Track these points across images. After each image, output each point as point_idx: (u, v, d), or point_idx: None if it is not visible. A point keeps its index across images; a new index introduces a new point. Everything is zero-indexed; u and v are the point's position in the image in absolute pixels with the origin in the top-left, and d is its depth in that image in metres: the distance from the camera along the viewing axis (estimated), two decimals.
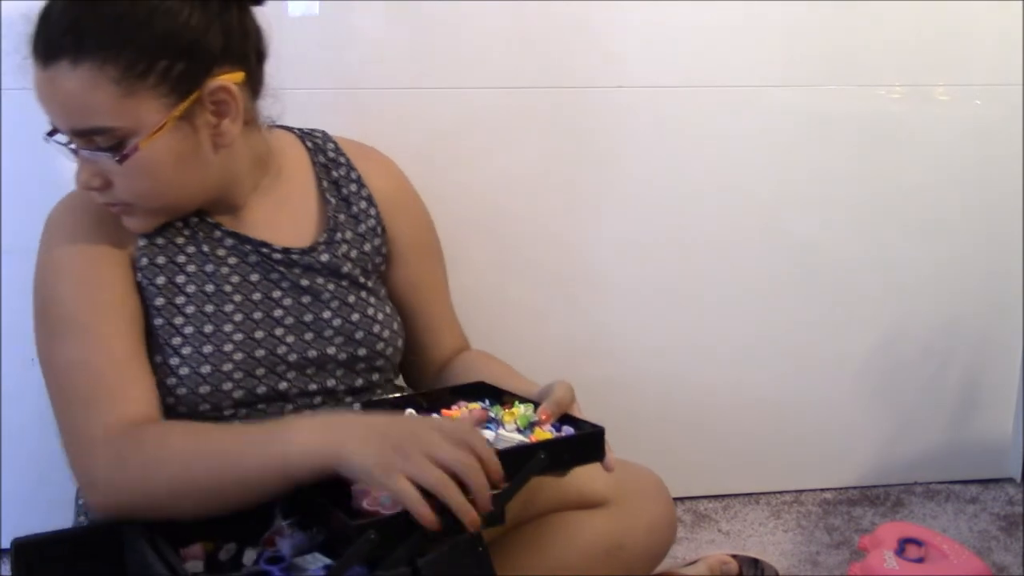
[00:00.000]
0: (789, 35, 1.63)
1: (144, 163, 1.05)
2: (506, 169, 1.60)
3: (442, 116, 1.56)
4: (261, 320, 1.14)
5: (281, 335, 1.15)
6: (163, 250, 1.13)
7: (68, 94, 1.02)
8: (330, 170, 1.26)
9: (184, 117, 1.05)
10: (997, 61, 1.69)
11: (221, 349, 1.11)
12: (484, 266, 1.63)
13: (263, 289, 1.16)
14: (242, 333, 1.12)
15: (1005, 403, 1.86)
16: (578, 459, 1.02)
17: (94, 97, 1.01)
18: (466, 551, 0.90)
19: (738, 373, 1.76)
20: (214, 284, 1.14)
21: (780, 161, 1.68)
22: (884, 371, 1.80)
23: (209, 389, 1.09)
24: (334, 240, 1.22)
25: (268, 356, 1.13)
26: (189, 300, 1.12)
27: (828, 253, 1.73)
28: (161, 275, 1.12)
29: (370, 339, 1.19)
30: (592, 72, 1.59)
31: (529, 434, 1.04)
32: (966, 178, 1.74)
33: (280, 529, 0.97)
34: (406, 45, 1.53)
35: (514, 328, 1.65)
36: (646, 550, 1.25)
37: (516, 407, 1.08)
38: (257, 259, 1.17)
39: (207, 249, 1.15)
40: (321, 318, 1.17)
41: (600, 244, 1.66)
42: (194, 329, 1.11)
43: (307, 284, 1.18)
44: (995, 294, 1.80)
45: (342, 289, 1.20)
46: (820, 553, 1.61)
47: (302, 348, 1.15)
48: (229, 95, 1.07)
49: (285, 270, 1.17)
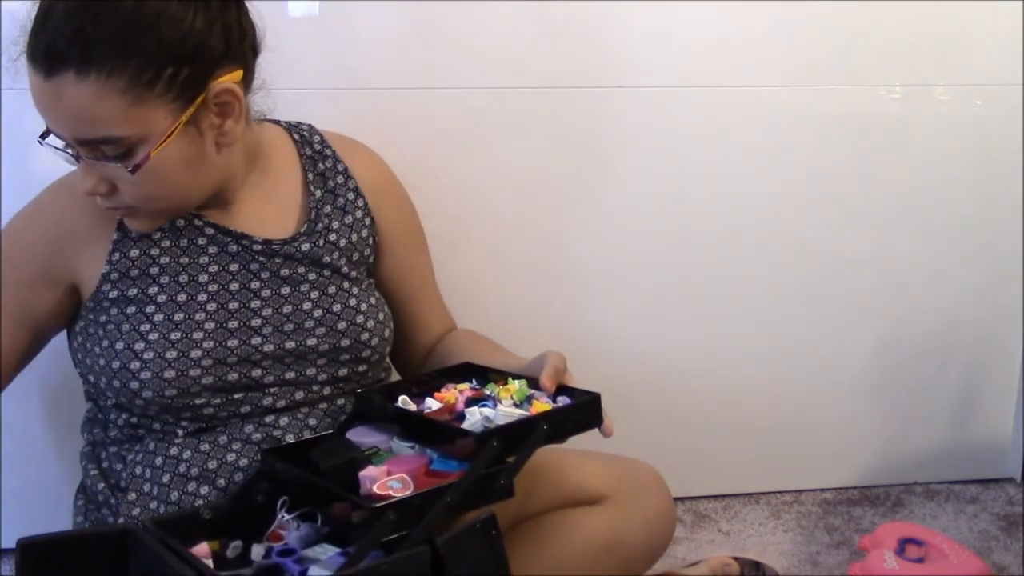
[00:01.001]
0: (789, 35, 1.63)
1: (154, 169, 1.05)
2: (506, 169, 1.60)
3: (441, 116, 1.56)
4: (237, 310, 1.15)
5: (257, 326, 1.15)
6: (137, 243, 1.15)
7: (73, 106, 1.00)
8: (316, 162, 1.27)
9: (190, 121, 1.05)
10: (997, 61, 1.69)
11: (190, 336, 1.11)
12: (482, 265, 1.62)
13: (241, 280, 1.17)
14: (214, 322, 1.13)
15: (1005, 403, 1.86)
16: (578, 427, 1.04)
17: (101, 108, 1.00)
18: (482, 533, 0.92)
19: (738, 373, 1.76)
20: (188, 275, 1.15)
21: (780, 161, 1.68)
22: (884, 371, 1.80)
23: (174, 374, 1.10)
24: (315, 230, 1.22)
25: (241, 346, 1.13)
26: (162, 290, 1.13)
27: (828, 253, 1.73)
28: (134, 267, 1.14)
29: (353, 329, 1.19)
30: (592, 72, 1.58)
31: (528, 407, 1.06)
32: (966, 178, 1.74)
33: (284, 523, 0.98)
34: (406, 45, 1.53)
35: (511, 327, 1.64)
36: (645, 545, 1.25)
37: (511, 383, 1.10)
38: (237, 249, 1.17)
39: (184, 243, 1.16)
40: (301, 309, 1.18)
41: (599, 244, 1.66)
42: (164, 317, 1.12)
43: (287, 274, 1.19)
44: (995, 294, 1.80)
45: (323, 279, 1.21)
46: (820, 553, 1.61)
47: (280, 340, 1.15)
48: (233, 96, 1.08)
49: (266, 260, 1.18)
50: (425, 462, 1.03)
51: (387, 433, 1.11)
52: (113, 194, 1.08)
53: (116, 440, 1.17)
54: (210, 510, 1.01)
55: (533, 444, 0.99)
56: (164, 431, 1.14)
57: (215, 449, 1.12)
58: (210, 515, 1.01)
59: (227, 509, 1.03)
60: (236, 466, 1.11)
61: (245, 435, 1.13)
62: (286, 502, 1.00)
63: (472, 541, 0.91)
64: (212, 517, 1.01)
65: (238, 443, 1.12)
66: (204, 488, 1.10)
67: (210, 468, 1.11)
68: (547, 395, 1.08)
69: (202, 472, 1.11)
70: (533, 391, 1.09)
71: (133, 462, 1.15)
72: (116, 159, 1.03)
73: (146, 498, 1.12)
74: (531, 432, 1.00)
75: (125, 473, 1.15)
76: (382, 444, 1.09)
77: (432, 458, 1.03)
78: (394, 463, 1.03)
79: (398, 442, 1.08)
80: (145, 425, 1.15)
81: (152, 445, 1.14)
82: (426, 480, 0.99)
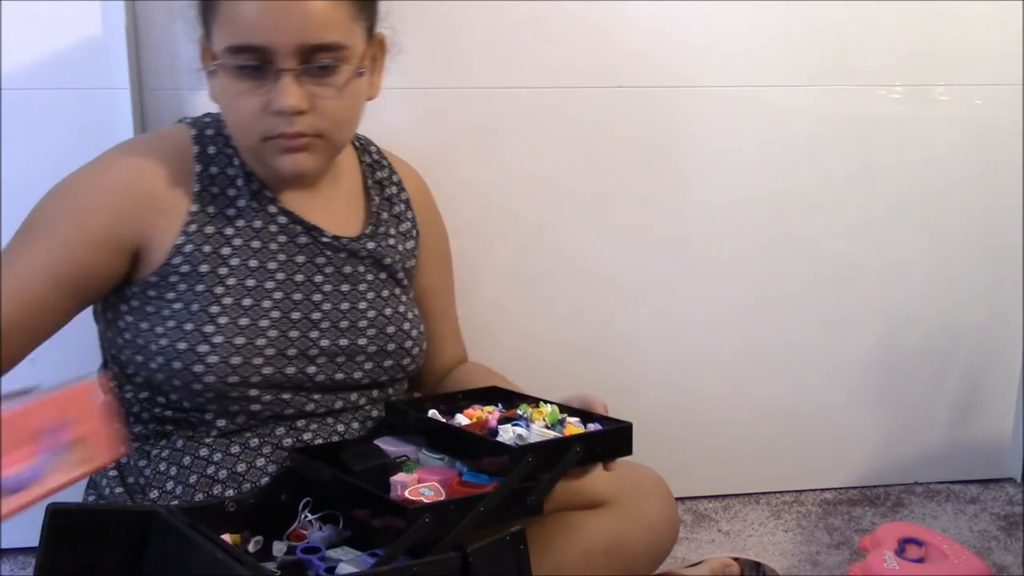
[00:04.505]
0: (789, 35, 1.63)
1: (351, 93, 1.09)
2: (506, 169, 1.60)
3: (439, 116, 1.56)
4: (300, 302, 1.15)
5: (317, 319, 1.16)
6: (213, 219, 1.14)
7: (313, 8, 1.04)
8: (375, 170, 1.29)
9: (370, 55, 1.12)
10: (997, 61, 1.69)
11: (257, 323, 1.11)
12: (482, 265, 1.62)
13: (306, 272, 1.17)
14: (279, 311, 1.13)
15: (1005, 403, 1.86)
16: (608, 453, 1.06)
17: (335, 12, 1.06)
18: (511, 545, 0.93)
19: (738, 373, 1.76)
20: (258, 260, 1.14)
21: (780, 161, 1.68)
22: (884, 371, 1.80)
23: (240, 361, 1.09)
24: (378, 232, 1.24)
25: (301, 338, 1.14)
26: (232, 272, 1.13)
27: (828, 253, 1.73)
28: (208, 244, 1.12)
29: (400, 335, 1.20)
30: (592, 72, 1.58)
31: (560, 430, 1.08)
32: (966, 178, 1.74)
33: (306, 524, 0.99)
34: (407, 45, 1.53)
35: (515, 328, 1.65)
36: (647, 549, 1.25)
37: (543, 406, 1.12)
38: (306, 241, 1.18)
39: (258, 225, 1.16)
40: (357, 308, 1.19)
41: (598, 244, 1.66)
42: (233, 300, 1.11)
43: (350, 272, 1.20)
44: (995, 295, 1.80)
45: (380, 282, 1.22)
46: (820, 553, 1.61)
47: (335, 336, 1.16)
48: (384, 49, 1.14)
49: (332, 255, 1.19)
50: (456, 473, 1.03)
51: (414, 444, 1.11)
52: (309, 114, 1.08)
53: (140, 436, 1.15)
54: (235, 503, 1.02)
55: (566, 464, 1.00)
56: (195, 430, 1.13)
57: (245, 452, 1.11)
58: (234, 508, 1.02)
59: (251, 504, 1.03)
60: (265, 471, 1.10)
61: (276, 438, 1.12)
62: (309, 503, 1.01)
63: (501, 552, 0.92)
64: (236, 510, 1.01)
65: (268, 447, 1.12)
66: (230, 492, 1.09)
67: (239, 472, 1.10)
68: (579, 421, 1.10)
69: (231, 475, 1.10)
70: (564, 415, 1.11)
71: (158, 458, 1.12)
72: (325, 73, 1.06)
73: (168, 496, 1.10)
74: (565, 452, 1.01)
75: (148, 470, 1.12)
76: (410, 454, 1.09)
77: (462, 471, 1.04)
78: (425, 472, 1.04)
79: (426, 453, 1.09)
80: (176, 420, 1.13)
81: (180, 443, 1.12)
82: (459, 490, 1.00)
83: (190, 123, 1.18)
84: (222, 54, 1.07)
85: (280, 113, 1.06)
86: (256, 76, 1.06)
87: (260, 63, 1.05)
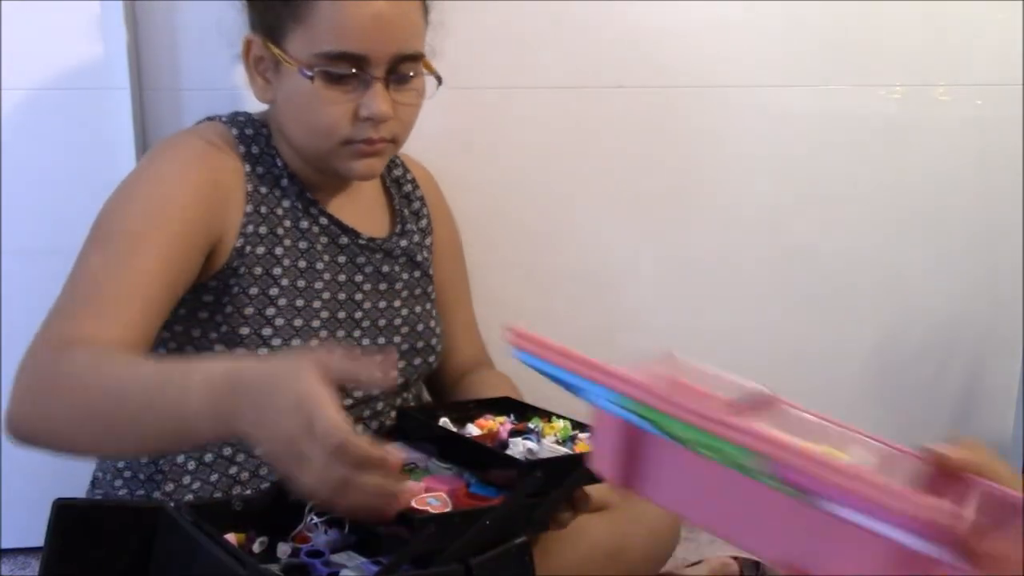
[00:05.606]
0: (789, 35, 1.63)
1: (419, 101, 1.13)
2: (504, 169, 1.60)
3: (440, 116, 1.56)
4: (344, 302, 1.16)
5: (359, 319, 1.17)
6: (265, 220, 1.13)
7: (409, 21, 1.09)
8: (391, 169, 1.30)
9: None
10: (997, 61, 1.69)
11: (309, 324, 1.12)
12: (483, 266, 1.62)
13: (348, 272, 1.18)
14: (328, 311, 1.14)
15: (1005, 403, 1.86)
16: None
17: (420, 21, 1.11)
18: (516, 558, 0.92)
19: (737, 371, 1.75)
20: (307, 261, 1.15)
21: (780, 161, 1.68)
22: (884, 371, 1.80)
23: None
24: (406, 230, 1.25)
25: (347, 337, 1.15)
26: (284, 273, 1.13)
27: (828, 252, 1.73)
28: (261, 245, 1.12)
29: (427, 333, 1.22)
30: (592, 72, 1.58)
31: (572, 446, 1.06)
32: (966, 178, 1.74)
33: (311, 527, 0.99)
34: None
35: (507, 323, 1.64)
36: (648, 554, 1.25)
37: (555, 421, 1.11)
38: (347, 242, 1.19)
39: (304, 226, 1.16)
40: (393, 307, 1.20)
41: (598, 244, 1.66)
42: (287, 302, 1.12)
43: (387, 271, 1.21)
44: (995, 294, 1.80)
45: (413, 280, 1.24)
46: None
47: (374, 334, 1.17)
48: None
49: (370, 255, 1.20)
50: (463, 484, 1.03)
51: (424, 452, 1.11)
52: (389, 122, 1.10)
53: None
54: (242, 502, 1.01)
55: (574, 482, 0.99)
56: None
57: None
58: (241, 506, 1.01)
59: (258, 504, 1.02)
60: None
61: None
62: (314, 506, 1.01)
63: (506, 565, 0.91)
64: (243, 509, 1.01)
65: None
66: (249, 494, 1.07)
67: (261, 475, 1.10)
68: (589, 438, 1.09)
69: (252, 476, 1.09)
70: (576, 432, 1.10)
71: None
72: (407, 81, 1.10)
73: (184, 490, 1.09)
74: (574, 469, 0.99)
75: (164, 463, 1.11)
76: (420, 462, 1.09)
77: (470, 482, 1.03)
78: (432, 481, 1.03)
79: (436, 463, 1.08)
80: None
81: None
82: (466, 501, 0.99)
83: (227, 122, 1.16)
84: (310, 59, 1.06)
85: (369, 119, 1.07)
86: (345, 82, 1.07)
87: (354, 70, 1.07)
